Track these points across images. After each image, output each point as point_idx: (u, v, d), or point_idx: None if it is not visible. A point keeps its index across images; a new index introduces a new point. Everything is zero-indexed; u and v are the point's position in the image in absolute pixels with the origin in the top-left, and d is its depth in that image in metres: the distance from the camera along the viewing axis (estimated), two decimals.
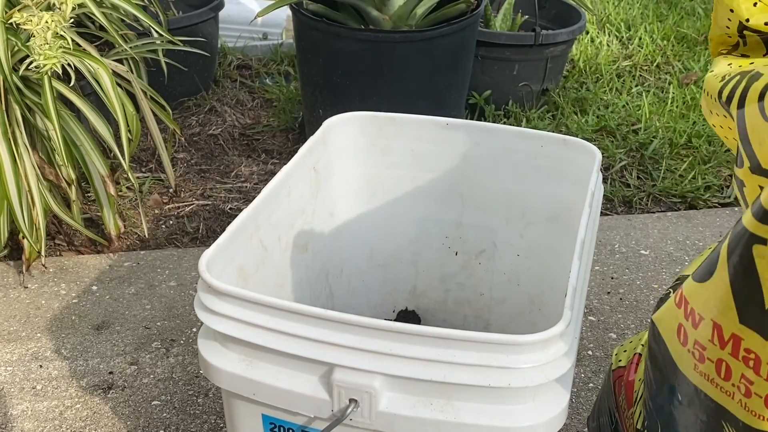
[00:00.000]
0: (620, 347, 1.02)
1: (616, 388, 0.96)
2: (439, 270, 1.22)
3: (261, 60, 2.43)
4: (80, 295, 1.45)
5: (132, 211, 1.71)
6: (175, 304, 1.43)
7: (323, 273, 1.15)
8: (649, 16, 2.81)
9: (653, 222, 1.72)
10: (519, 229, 1.14)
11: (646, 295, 1.47)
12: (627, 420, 0.90)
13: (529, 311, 1.17)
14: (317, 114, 1.83)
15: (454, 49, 1.76)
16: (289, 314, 0.73)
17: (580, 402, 1.22)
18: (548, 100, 2.18)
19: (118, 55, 1.60)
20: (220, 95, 2.20)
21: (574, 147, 1.05)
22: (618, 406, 0.94)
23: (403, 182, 1.17)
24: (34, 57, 1.27)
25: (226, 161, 1.92)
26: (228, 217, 1.70)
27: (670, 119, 2.09)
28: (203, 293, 0.77)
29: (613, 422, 0.95)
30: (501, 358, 0.69)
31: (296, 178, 1.02)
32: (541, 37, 2.00)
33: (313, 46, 1.77)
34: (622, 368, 0.97)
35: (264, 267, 0.95)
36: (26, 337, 1.34)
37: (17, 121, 1.38)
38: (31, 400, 1.21)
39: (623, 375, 0.95)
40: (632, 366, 0.93)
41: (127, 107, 1.44)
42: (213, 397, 1.22)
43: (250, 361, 0.77)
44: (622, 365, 0.97)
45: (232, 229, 0.86)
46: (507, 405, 0.71)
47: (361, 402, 0.72)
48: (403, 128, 1.13)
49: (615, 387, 0.97)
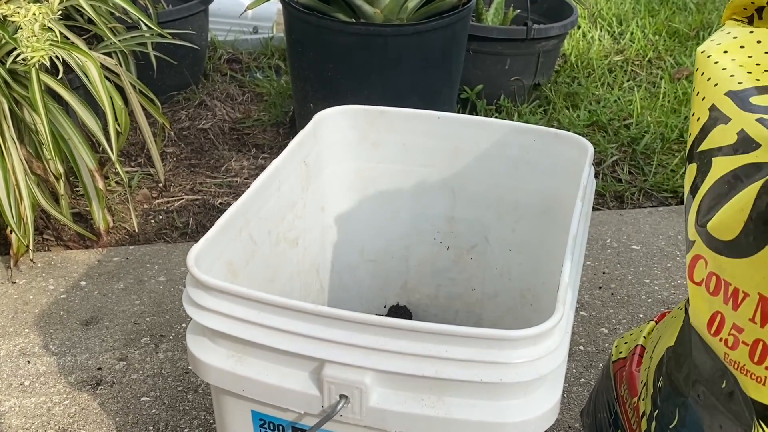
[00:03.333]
0: (620, 339, 1.03)
1: (617, 379, 0.97)
2: (431, 265, 1.21)
3: (251, 54, 2.42)
4: (69, 291, 1.44)
5: (121, 206, 1.70)
6: (165, 299, 1.42)
7: (314, 268, 1.14)
8: (641, 11, 2.81)
9: (645, 217, 1.72)
10: (511, 223, 1.14)
11: (637, 290, 1.47)
12: (629, 410, 0.90)
13: (521, 306, 1.16)
14: (308, 108, 1.82)
15: (445, 43, 1.75)
16: (279, 309, 0.73)
17: (571, 397, 1.22)
18: (540, 94, 2.18)
19: (106, 48, 1.59)
20: (210, 89, 2.18)
21: (566, 141, 1.05)
22: (619, 397, 0.95)
23: (394, 176, 1.16)
24: (22, 49, 1.26)
25: (216, 156, 1.91)
26: (218, 212, 1.69)
27: (661, 114, 2.09)
28: (192, 288, 0.76)
29: (612, 414, 0.95)
30: (493, 353, 0.68)
31: (286, 171, 1.01)
32: (533, 31, 2.00)
33: (303, 40, 1.76)
34: (623, 359, 0.98)
35: (253, 262, 0.95)
36: (14, 333, 1.33)
37: (4, 115, 1.36)
38: (19, 396, 1.20)
39: (624, 365, 0.96)
40: (635, 357, 0.95)
41: (116, 101, 1.42)
42: (203, 393, 1.21)
43: (240, 357, 0.76)
44: (623, 356, 0.98)
45: (221, 224, 0.85)
46: (499, 400, 0.71)
47: (352, 398, 0.72)
48: (394, 122, 1.12)
49: (616, 378, 0.97)
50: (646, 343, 0.95)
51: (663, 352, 0.84)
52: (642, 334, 0.97)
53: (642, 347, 0.95)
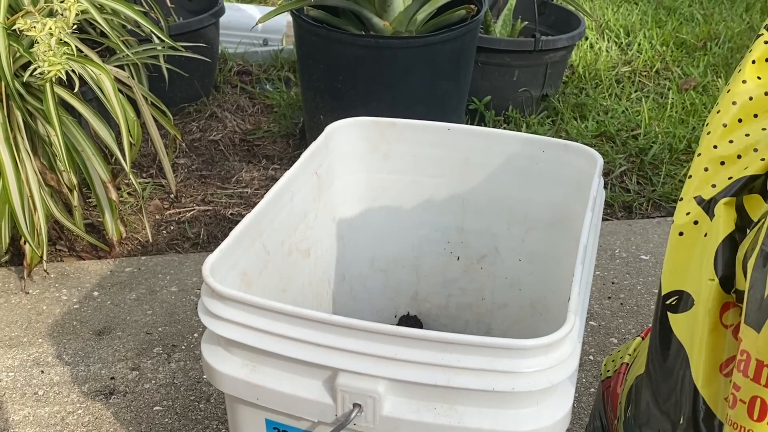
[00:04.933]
0: (609, 357, 1.02)
1: (605, 399, 0.96)
2: (441, 275, 1.22)
3: (261, 66, 2.44)
4: (81, 301, 1.45)
5: (133, 217, 1.71)
6: (177, 309, 1.43)
7: (325, 278, 1.15)
8: (648, 21, 2.82)
9: (653, 227, 1.72)
10: (520, 233, 1.14)
11: (647, 300, 1.47)
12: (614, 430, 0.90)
13: (531, 316, 1.17)
14: (318, 120, 1.83)
15: (454, 55, 1.77)
16: (293, 319, 0.74)
17: (581, 407, 1.22)
18: (548, 105, 2.19)
19: (119, 60, 1.60)
20: (221, 101, 2.20)
21: (575, 152, 1.05)
22: (607, 416, 0.94)
23: (404, 187, 1.17)
24: (38, 63, 1.28)
25: (226, 167, 1.92)
26: (229, 222, 1.70)
27: (669, 125, 2.09)
28: (207, 298, 0.77)
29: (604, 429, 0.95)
30: (505, 362, 0.69)
31: (299, 182, 1.02)
32: (541, 42, 2.01)
33: (313, 52, 1.77)
34: (609, 378, 0.97)
35: (267, 272, 0.96)
36: (28, 343, 1.34)
37: (19, 127, 1.38)
38: (33, 405, 1.21)
39: (610, 385, 0.95)
40: (619, 376, 0.93)
41: (129, 113, 1.44)
42: (215, 402, 1.22)
43: (254, 366, 0.77)
44: (610, 375, 0.97)
45: (236, 234, 0.86)
46: (510, 409, 0.72)
47: (365, 406, 0.72)
48: (404, 133, 1.13)
49: (604, 397, 0.97)
50: (631, 360, 0.93)
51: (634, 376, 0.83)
52: (627, 351, 0.95)
53: (626, 365, 0.93)
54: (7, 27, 1.32)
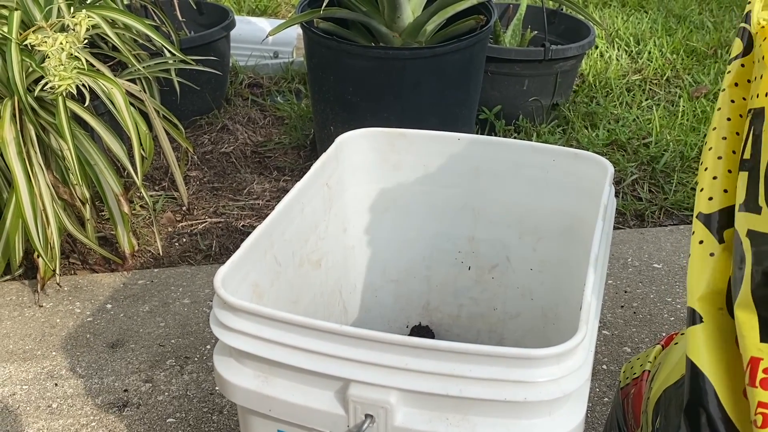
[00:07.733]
0: (628, 364, 1.01)
1: (625, 406, 0.95)
2: (452, 285, 1.22)
3: (272, 78, 2.45)
4: (95, 314, 1.46)
5: (145, 230, 1.72)
6: (189, 321, 1.44)
7: (336, 289, 1.15)
8: (658, 30, 2.82)
9: (666, 235, 1.71)
10: (532, 243, 1.14)
11: (659, 308, 1.47)
12: None
13: (543, 325, 1.17)
14: (328, 131, 1.84)
15: (464, 65, 1.77)
16: (305, 330, 0.74)
17: (595, 416, 1.21)
18: (558, 114, 2.19)
19: (131, 74, 1.62)
20: (232, 113, 2.21)
21: (586, 161, 1.05)
22: (627, 423, 0.93)
23: (415, 197, 1.17)
24: (50, 78, 1.29)
25: (238, 179, 1.93)
26: (241, 234, 1.71)
27: (680, 132, 2.09)
28: (219, 309, 0.77)
29: None
30: (517, 372, 0.68)
31: (309, 194, 1.03)
32: (551, 52, 2.01)
33: (323, 64, 1.78)
34: (629, 385, 0.96)
35: (278, 283, 0.96)
36: (41, 356, 1.35)
37: (32, 141, 1.39)
38: (47, 418, 1.22)
39: (630, 393, 0.95)
40: (641, 383, 0.92)
41: (141, 126, 1.45)
42: (227, 414, 1.22)
43: (266, 377, 0.77)
44: (629, 382, 0.96)
45: (247, 246, 0.86)
46: (523, 419, 0.71)
47: (377, 417, 0.72)
48: (414, 144, 1.13)
49: (624, 404, 0.96)
50: (652, 367, 0.93)
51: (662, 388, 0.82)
52: (648, 358, 0.95)
53: (648, 372, 0.93)
54: (19, 42, 1.34)
